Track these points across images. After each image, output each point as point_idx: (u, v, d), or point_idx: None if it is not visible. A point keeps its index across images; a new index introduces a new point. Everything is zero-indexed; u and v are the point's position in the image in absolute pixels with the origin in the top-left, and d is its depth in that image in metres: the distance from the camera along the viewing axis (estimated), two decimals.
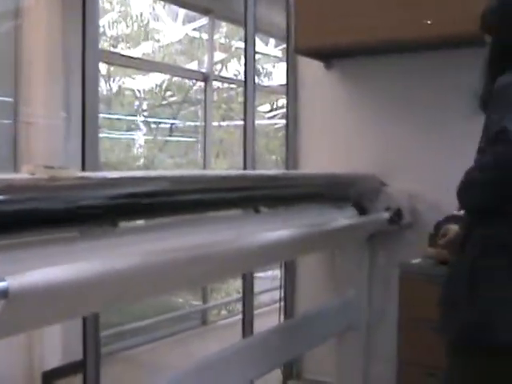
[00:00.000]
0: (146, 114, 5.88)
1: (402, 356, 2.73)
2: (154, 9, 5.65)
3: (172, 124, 6.13)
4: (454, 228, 2.16)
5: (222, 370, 2.30)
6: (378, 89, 3.26)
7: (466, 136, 3.01)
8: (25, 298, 1.25)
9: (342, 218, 2.83)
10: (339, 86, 3.38)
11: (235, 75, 6.32)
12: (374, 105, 3.29)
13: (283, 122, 3.71)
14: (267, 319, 3.96)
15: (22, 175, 1.45)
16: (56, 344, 3.79)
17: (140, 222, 1.99)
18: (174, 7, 5.62)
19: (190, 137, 6.26)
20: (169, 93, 6.02)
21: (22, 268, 1.29)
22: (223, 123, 6.64)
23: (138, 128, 5.77)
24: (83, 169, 2.23)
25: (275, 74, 6.82)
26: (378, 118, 3.27)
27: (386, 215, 3.02)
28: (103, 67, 4.99)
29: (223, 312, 5.99)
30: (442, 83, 3.08)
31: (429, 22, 2.74)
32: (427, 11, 2.76)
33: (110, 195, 1.63)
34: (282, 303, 3.48)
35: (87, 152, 2.23)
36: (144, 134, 5.80)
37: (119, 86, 5.50)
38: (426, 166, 3.13)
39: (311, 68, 3.43)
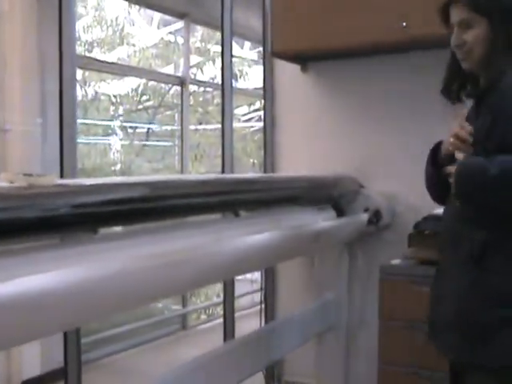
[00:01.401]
0: (122, 118, 5.85)
1: (383, 356, 2.74)
2: (128, 13, 5.63)
3: (148, 128, 6.11)
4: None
5: (204, 375, 2.29)
6: (355, 91, 3.28)
7: (444, 136, 3.05)
8: (4, 308, 1.24)
9: (321, 220, 2.83)
10: (316, 88, 3.39)
11: (211, 78, 6.32)
12: (350, 107, 3.30)
13: (260, 124, 3.72)
14: (248, 322, 3.97)
15: (1, 184, 1.44)
16: (36, 352, 3.76)
17: (120, 229, 1.98)
18: (149, 11, 5.61)
19: (167, 141, 6.24)
20: (145, 97, 6.00)
21: (2, 277, 1.28)
22: (200, 127, 6.63)
23: (114, 133, 5.74)
24: (61, 175, 2.21)
25: (251, 76, 6.83)
26: (355, 120, 3.28)
27: (365, 217, 3.04)
28: (78, 72, 4.96)
29: (203, 316, 5.97)
30: (418, 85, 3.11)
31: (404, 24, 2.76)
32: (402, 14, 2.78)
33: (89, 202, 1.62)
34: (263, 306, 3.48)
35: (65, 158, 2.21)
36: (120, 139, 5.77)
37: (95, 91, 5.47)
38: (404, 167, 3.15)
39: (287, 71, 3.44)
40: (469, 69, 1.87)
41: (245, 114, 7.21)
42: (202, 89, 6.60)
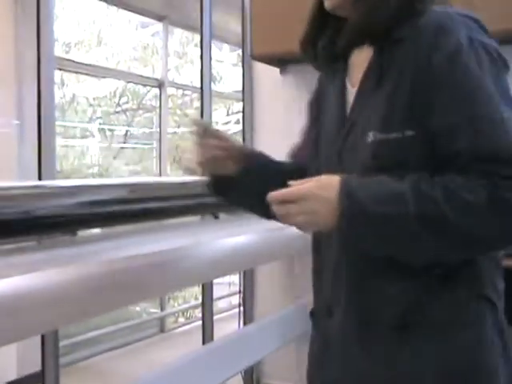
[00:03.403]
0: (100, 121, 5.82)
1: None
2: (107, 15, 5.60)
3: (127, 131, 6.09)
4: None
5: (182, 378, 2.28)
6: None
7: None
8: None
9: None
10: (294, 91, 3.40)
11: (190, 81, 6.31)
12: None
13: (238, 127, 3.72)
14: (226, 325, 3.96)
15: None
16: (12, 355, 3.73)
17: (98, 231, 1.97)
18: (128, 13, 5.59)
19: (145, 144, 6.22)
20: (123, 99, 5.98)
21: None
22: (178, 129, 6.62)
23: (92, 135, 5.71)
24: (39, 177, 2.19)
25: (230, 79, 6.83)
26: None
27: None
28: (56, 74, 4.93)
29: (180, 319, 5.96)
30: None
31: None
32: None
33: (68, 204, 1.62)
34: (241, 308, 3.48)
35: (43, 160, 2.19)
36: (98, 142, 5.74)
37: (73, 93, 5.44)
38: None
39: (267, 73, 3.44)
40: (332, 9, 1.28)
41: (223, 117, 7.21)
42: (180, 91, 6.59)
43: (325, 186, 1.06)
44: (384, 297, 1.13)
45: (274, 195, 1.08)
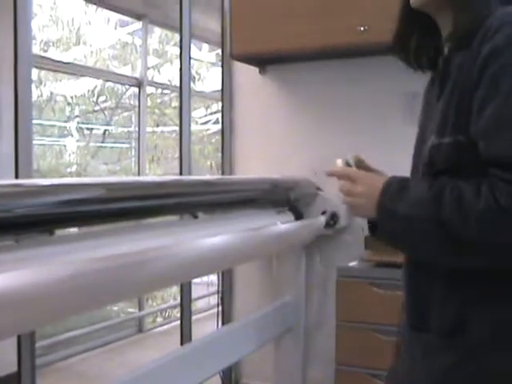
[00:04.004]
0: (78, 119, 5.79)
1: (340, 358, 2.76)
2: (85, 13, 5.57)
3: (105, 130, 6.05)
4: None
5: (160, 378, 2.27)
6: (313, 94, 3.30)
7: (400, 140, 3.09)
8: None
9: (279, 222, 2.84)
10: (274, 91, 3.40)
11: (169, 80, 6.30)
12: (308, 110, 3.32)
13: (217, 127, 3.71)
14: (204, 325, 3.96)
15: None
16: None
17: (76, 230, 1.96)
18: (107, 12, 5.56)
19: (124, 143, 6.19)
20: (101, 98, 5.95)
21: None
22: (157, 129, 6.60)
23: (70, 134, 5.68)
24: (16, 176, 2.17)
25: (209, 79, 6.82)
26: (312, 122, 3.30)
27: (322, 219, 3.05)
28: (34, 72, 4.89)
29: (159, 319, 5.94)
30: (377, 89, 3.15)
31: (362, 28, 2.78)
32: (361, 18, 2.81)
33: (45, 203, 1.60)
34: (220, 308, 3.47)
35: (20, 159, 2.18)
36: (76, 141, 5.71)
37: (50, 92, 5.40)
38: None
39: (246, 73, 3.44)
40: (420, 6, 1.22)
41: (202, 117, 7.20)
42: (159, 90, 6.57)
43: (377, 178, 1.22)
44: (432, 306, 1.18)
45: (335, 169, 1.29)
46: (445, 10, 1.17)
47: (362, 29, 2.78)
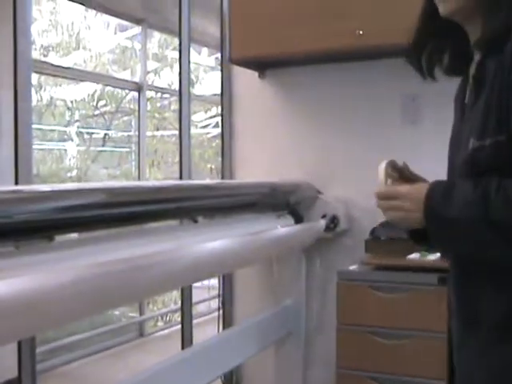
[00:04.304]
0: (78, 124, 5.79)
1: (341, 361, 2.76)
2: (85, 18, 5.58)
3: (105, 134, 6.06)
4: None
5: (162, 382, 2.27)
6: (312, 98, 3.30)
7: (399, 142, 3.10)
8: None
9: (279, 226, 2.84)
10: (273, 95, 3.41)
11: (169, 84, 6.30)
12: (308, 114, 3.32)
13: (217, 130, 3.71)
14: (205, 329, 3.95)
15: None
16: None
17: (77, 236, 1.96)
18: (106, 16, 5.57)
19: (124, 147, 6.20)
20: (101, 103, 5.95)
21: None
22: (157, 133, 6.60)
23: (70, 139, 5.68)
24: (16, 182, 2.17)
25: (208, 83, 6.83)
26: (312, 126, 3.31)
27: (323, 223, 3.06)
28: (34, 77, 4.90)
29: (160, 323, 5.94)
30: (375, 92, 3.15)
31: (361, 32, 2.79)
32: (359, 22, 2.81)
33: (45, 209, 1.60)
34: (220, 312, 3.47)
35: (20, 164, 2.18)
36: (77, 145, 5.71)
37: (50, 96, 5.41)
38: (361, 172, 3.17)
39: (245, 77, 3.44)
40: (449, 14, 1.22)
41: (202, 121, 7.20)
42: (159, 95, 6.58)
43: (419, 189, 1.21)
44: (483, 304, 1.20)
45: (380, 190, 1.33)
46: (474, 17, 1.20)
47: (360, 32, 2.79)
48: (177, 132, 3.28)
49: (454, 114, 1.34)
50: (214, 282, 4.31)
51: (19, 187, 1.88)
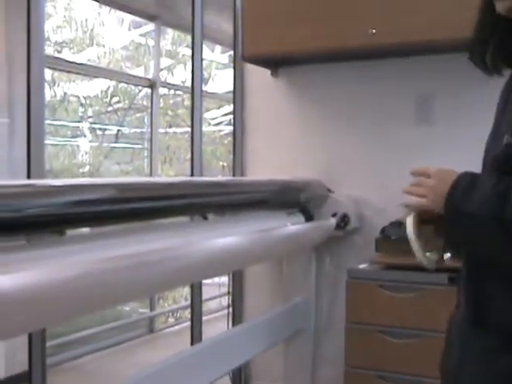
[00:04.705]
0: (91, 120, 5.81)
1: (350, 360, 2.76)
2: (99, 14, 5.59)
3: (118, 130, 6.07)
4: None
5: (170, 378, 2.28)
6: (324, 96, 3.30)
7: (411, 142, 3.10)
8: None
9: (290, 224, 2.85)
10: (286, 93, 3.41)
11: (182, 82, 6.31)
12: (320, 112, 3.32)
13: (230, 128, 3.71)
14: (215, 326, 3.96)
15: None
16: (0, 355, 3.71)
17: (87, 230, 1.97)
18: (120, 13, 5.58)
19: (137, 143, 6.21)
20: (115, 99, 5.97)
21: None
22: (170, 130, 6.61)
23: (83, 135, 5.70)
24: (28, 176, 2.19)
25: (222, 80, 6.83)
26: (324, 124, 3.31)
27: (333, 221, 3.06)
28: (47, 73, 4.92)
29: (170, 319, 5.95)
30: (387, 91, 3.14)
31: (373, 31, 2.78)
32: (372, 21, 2.81)
33: (56, 203, 1.61)
34: (230, 309, 3.48)
35: (33, 159, 2.19)
36: (89, 141, 5.73)
37: (64, 92, 5.43)
38: (372, 171, 3.18)
39: (258, 75, 3.44)
40: (506, 12, 1.19)
41: (215, 118, 7.21)
42: (172, 92, 6.59)
43: (450, 173, 1.20)
44: (492, 306, 1.17)
45: (416, 168, 1.30)
46: None
47: (373, 31, 2.78)
48: (189, 129, 3.29)
49: (497, 106, 1.31)
50: (225, 279, 4.32)
51: (30, 181, 1.90)
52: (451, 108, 3.02)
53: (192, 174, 3.22)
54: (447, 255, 1.42)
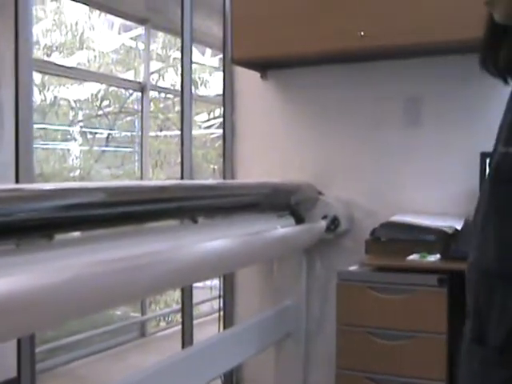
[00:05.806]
0: (81, 124, 5.80)
1: (341, 362, 2.76)
2: (89, 18, 5.59)
3: (108, 134, 6.06)
4: None
5: (162, 381, 2.28)
6: (314, 99, 3.31)
7: (400, 144, 3.11)
8: None
9: (280, 227, 2.85)
10: (275, 96, 3.41)
11: (172, 85, 6.31)
12: (309, 115, 3.33)
13: (220, 131, 3.72)
14: (206, 329, 3.96)
15: None
16: None
17: (76, 234, 1.96)
18: (110, 16, 5.58)
19: (127, 147, 6.20)
20: (105, 103, 5.96)
21: None
22: (160, 133, 6.61)
23: (73, 138, 5.69)
24: (17, 180, 2.18)
25: (212, 83, 6.83)
26: (313, 127, 3.31)
27: (323, 224, 3.06)
28: (37, 77, 4.91)
29: (162, 323, 5.94)
30: (377, 94, 3.15)
31: (362, 33, 2.79)
32: (361, 23, 2.82)
33: (45, 207, 1.60)
34: (222, 313, 3.48)
35: (21, 163, 2.18)
36: (80, 145, 5.72)
37: (54, 96, 5.41)
38: (362, 173, 3.19)
39: (247, 78, 3.45)
40: (503, 21, 1.15)
41: (205, 121, 7.21)
42: (162, 95, 6.58)
43: None
44: (491, 319, 1.11)
45: None
46: None
47: (362, 33, 2.79)
48: (180, 133, 3.29)
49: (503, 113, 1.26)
50: (217, 282, 4.32)
51: (19, 186, 1.89)
52: (440, 110, 3.03)
53: (182, 178, 3.22)
54: None
